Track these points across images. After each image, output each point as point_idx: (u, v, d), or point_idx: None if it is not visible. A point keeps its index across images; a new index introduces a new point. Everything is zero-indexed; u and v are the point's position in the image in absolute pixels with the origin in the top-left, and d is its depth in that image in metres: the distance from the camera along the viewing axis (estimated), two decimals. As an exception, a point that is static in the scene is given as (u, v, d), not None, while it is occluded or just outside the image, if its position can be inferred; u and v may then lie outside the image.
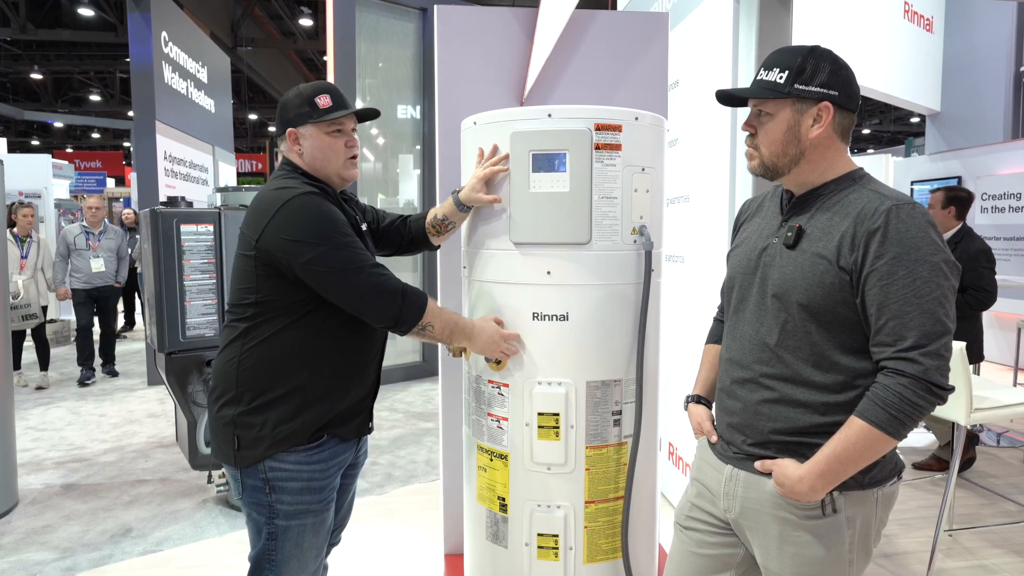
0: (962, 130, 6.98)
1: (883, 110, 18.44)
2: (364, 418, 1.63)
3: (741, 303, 1.34)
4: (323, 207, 1.45)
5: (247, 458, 1.49)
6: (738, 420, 1.31)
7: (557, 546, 1.70)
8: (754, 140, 1.29)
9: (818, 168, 1.25)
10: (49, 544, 2.88)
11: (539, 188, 1.63)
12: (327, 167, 1.55)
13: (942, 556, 2.73)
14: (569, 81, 2.40)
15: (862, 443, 1.12)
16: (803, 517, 1.22)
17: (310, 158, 1.54)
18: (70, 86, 18.24)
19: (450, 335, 1.56)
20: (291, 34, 14.12)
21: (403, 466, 3.86)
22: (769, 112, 1.25)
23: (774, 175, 1.28)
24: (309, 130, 1.53)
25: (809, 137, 1.22)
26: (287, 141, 1.56)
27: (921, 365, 1.09)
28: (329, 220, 1.44)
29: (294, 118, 1.54)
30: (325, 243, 1.41)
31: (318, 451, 1.52)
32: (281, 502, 1.50)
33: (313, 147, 1.54)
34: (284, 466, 1.49)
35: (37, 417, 4.84)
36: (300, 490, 1.51)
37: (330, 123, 1.53)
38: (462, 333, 1.58)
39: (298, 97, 1.54)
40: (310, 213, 1.43)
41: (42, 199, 8.36)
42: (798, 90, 1.21)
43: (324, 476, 1.54)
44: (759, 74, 1.27)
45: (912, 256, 1.11)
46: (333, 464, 1.56)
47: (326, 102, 1.52)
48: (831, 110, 1.22)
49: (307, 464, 1.50)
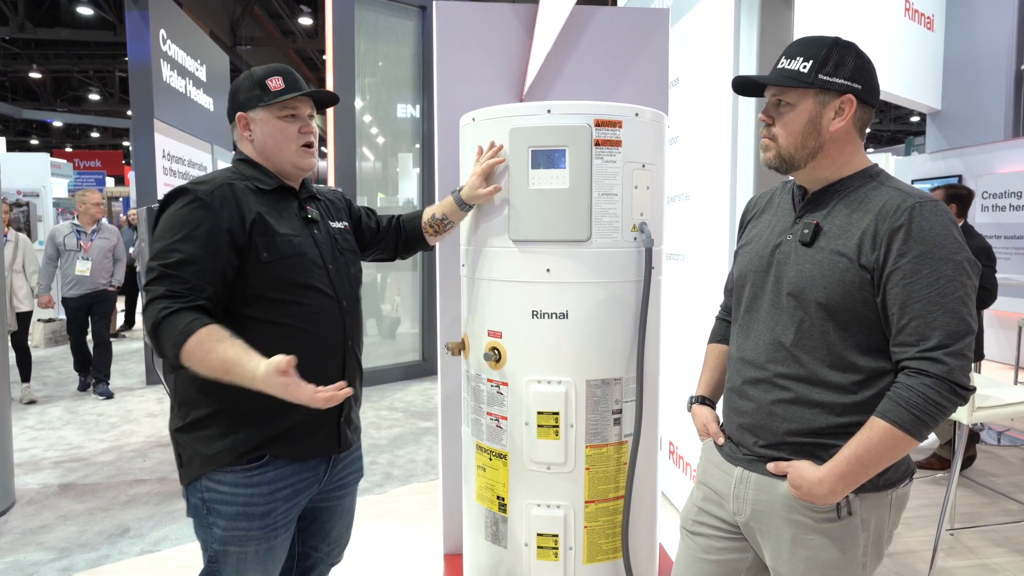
0: (963, 128, 6.97)
1: (883, 109, 18.41)
2: (327, 436, 1.46)
3: (754, 302, 1.31)
4: (190, 213, 1.31)
5: (186, 475, 1.40)
6: (750, 421, 1.28)
7: (557, 546, 1.69)
8: (771, 130, 1.25)
9: (835, 163, 1.22)
10: (46, 544, 2.87)
11: (538, 185, 1.62)
12: (279, 155, 1.44)
13: (944, 555, 2.71)
14: (569, 78, 2.39)
15: (884, 444, 1.10)
16: (818, 520, 1.20)
17: (261, 145, 1.45)
18: (69, 85, 18.22)
19: (225, 377, 1.24)
20: (290, 33, 14.10)
21: (402, 465, 3.84)
22: (790, 102, 1.21)
23: (789, 168, 1.24)
24: (260, 114, 1.43)
25: (830, 130, 1.20)
26: (237, 127, 1.47)
27: (946, 365, 1.07)
28: (183, 226, 1.31)
29: (244, 102, 1.44)
30: (160, 241, 1.31)
31: (259, 472, 1.37)
32: (217, 525, 1.38)
33: (264, 132, 1.44)
34: (220, 487, 1.37)
35: (35, 416, 4.83)
36: (235, 515, 1.37)
37: (282, 106, 1.43)
38: (244, 381, 1.23)
39: (249, 80, 1.45)
40: (172, 219, 1.32)
41: (40, 198, 8.36)
42: (822, 80, 1.18)
43: (267, 502, 1.38)
44: (780, 62, 1.23)
45: (936, 255, 1.09)
46: (281, 488, 1.40)
47: (278, 84, 1.43)
48: (854, 103, 1.19)
49: (244, 487, 1.36)
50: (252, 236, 1.35)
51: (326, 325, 1.44)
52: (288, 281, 1.38)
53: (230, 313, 1.34)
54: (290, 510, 1.43)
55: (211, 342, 1.24)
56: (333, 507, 1.59)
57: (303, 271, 1.41)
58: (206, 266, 1.30)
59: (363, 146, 5.93)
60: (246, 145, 1.47)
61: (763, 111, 1.27)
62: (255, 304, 1.36)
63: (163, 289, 1.27)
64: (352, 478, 1.61)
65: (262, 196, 1.42)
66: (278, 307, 1.38)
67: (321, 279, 1.44)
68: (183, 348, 1.23)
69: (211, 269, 1.31)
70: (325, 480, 1.51)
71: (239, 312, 1.36)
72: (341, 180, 5.44)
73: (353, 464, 1.61)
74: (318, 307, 1.43)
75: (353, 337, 1.51)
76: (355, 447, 1.60)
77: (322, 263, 1.46)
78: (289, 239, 1.40)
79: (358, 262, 1.64)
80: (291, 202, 1.48)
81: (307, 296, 1.41)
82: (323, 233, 1.51)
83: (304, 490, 1.46)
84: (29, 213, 8.22)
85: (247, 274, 1.35)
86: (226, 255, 1.32)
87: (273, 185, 1.45)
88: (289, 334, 1.38)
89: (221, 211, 1.33)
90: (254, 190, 1.41)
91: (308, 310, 1.41)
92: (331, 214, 1.60)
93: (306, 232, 1.46)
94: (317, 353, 1.41)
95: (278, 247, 1.38)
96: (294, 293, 1.39)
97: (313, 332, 1.41)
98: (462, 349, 1.84)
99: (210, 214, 1.32)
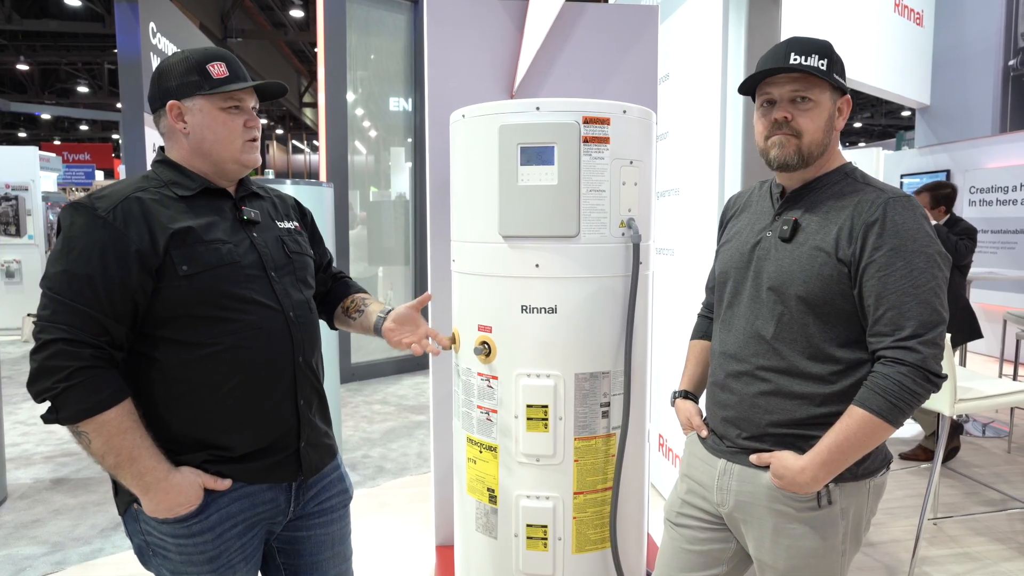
0: (951, 124, 7.03)
1: (874, 104, 18.50)
2: (284, 461, 1.29)
3: (735, 297, 1.35)
4: (89, 233, 1.13)
5: (121, 503, 1.24)
6: (733, 414, 1.32)
7: (546, 536, 1.72)
8: (792, 126, 1.22)
9: (821, 161, 1.27)
10: (39, 538, 2.88)
11: (527, 181, 1.64)
12: (221, 150, 1.26)
13: (926, 544, 2.77)
14: (559, 74, 2.40)
15: (863, 432, 1.14)
16: (799, 509, 1.23)
17: (198, 139, 1.25)
18: (57, 77, 18.04)
19: (114, 466, 1.13)
20: (282, 25, 14.01)
21: (395, 459, 3.87)
22: (813, 98, 1.21)
23: (801, 165, 1.24)
24: (199, 103, 1.23)
25: (835, 128, 1.25)
26: (167, 116, 1.25)
27: (920, 354, 1.11)
28: (82, 249, 1.12)
29: (177, 88, 1.23)
30: (55, 265, 1.13)
31: (198, 522, 1.20)
32: (165, 567, 1.24)
33: (202, 125, 1.24)
34: (159, 534, 1.20)
35: (26, 411, 4.82)
36: (183, 562, 1.21)
37: (226, 97, 1.24)
38: (135, 479, 1.14)
39: (184, 63, 1.24)
40: (69, 240, 1.13)
41: (29, 192, 8.30)
42: (836, 80, 1.21)
43: (215, 546, 1.21)
44: (791, 59, 1.20)
45: (909, 248, 1.13)
46: (231, 527, 1.23)
47: (221, 71, 1.24)
48: (850, 104, 1.26)
49: (185, 538, 1.20)
50: (168, 251, 1.16)
51: (268, 342, 1.25)
52: (216, 294, 1.19)
53: (142, 335, 1.18)
54: (247, 544, 1.27)
55: (130, 420, 1.12)
56: (317, 537, 1.40)
57: (235, 282, 1.22)
58: (113, 298, 1.12)
59: (355, 140, 5.93)
60: (177, 139, 1.27)
61: (780, 107, 1.23)
62: (173, 324, 1.18)
63: (63, 331, 1.09)
64: (336, 502, 1.43)
65: (183, 203, 1.23)
66: (205, 326, 1.19)
67: (260, 289, 1.25)
68: (97, 416, 1.09)
69: (119, 301, 1.13)
70: (293, 509, 1.34)
71: (152, 334, 1.18)
72: (333, 174, 5.44)
73: (333, 487, 1.42)
74: (257, 322, 1.23)
75: (305, 351, 1.32)
76: (330, 469, 1.42)
77: (262, 271, 1.27)
78: (216, 247, 1.21)
79: (310, 266, 1.44)
80: (222, 203, 1.29)
81: (243, 310, 1.22)
82: (266, 235, 1.32)
83: (261, 522, 1.29)
84: (18, 207, 8.16)
85: (163, 292, 1.16)
86: (138, 280, 1.14)
87: (195, 189, 1.25)
88: (220, 357, 1.20)
89: (127, 231, 1.14)
90: (173, 197, 1.22)
91: (244, 326, 1.22)
92: (279, 213, 1.42)
93: (241, 236, 1.27)
94: (259, 375, 1.24)
95: (200, 258, 1.19)
96: (225, 308, 1.20)
97: (251, 351, 1.22)
98: (453, 343, 1.86)
99: (113, 234, 1.13)
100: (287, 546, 1.39)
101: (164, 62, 1.27)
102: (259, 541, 1.31)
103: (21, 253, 8.23)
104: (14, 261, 8.20)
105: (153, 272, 1.15)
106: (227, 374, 1.21)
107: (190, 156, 1.27)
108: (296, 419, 1.30)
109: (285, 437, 1.29)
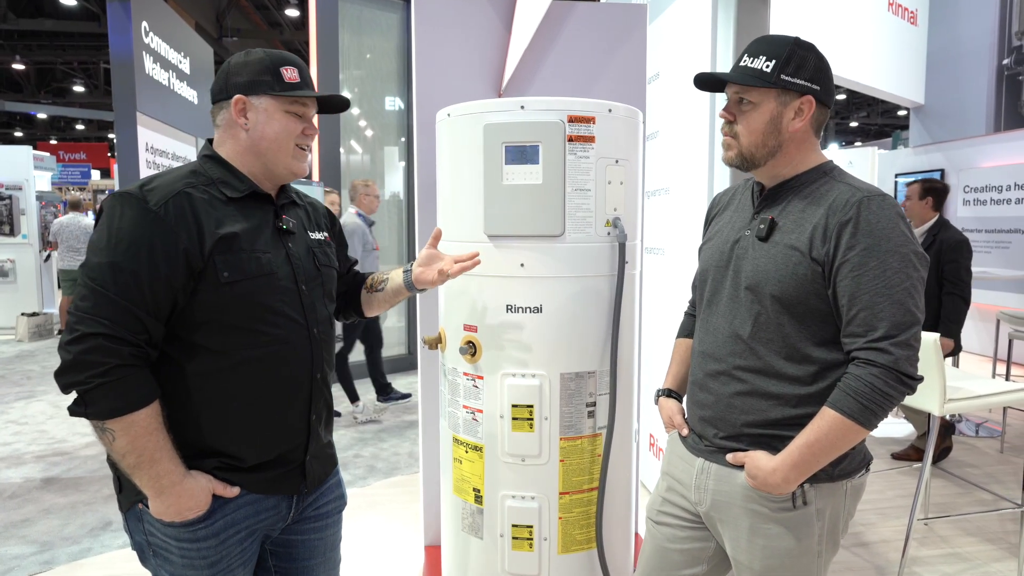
0: (945, 123, 7.04)
1: (870, 103, 18.53)
2: (290, 473, 1.29)
3: (714, 296, 1.34)
4: (139, 227, 1.10)
5: (124, 501, 1.23)
6: (710, 413, 1.31)
7: (532, 537, 1.71)
8: (733, 128, 1.26)
9: (792, 161, 1.25)
10: (28, 538, 2.87)
11: (512, 180, 1.63)
12: (276, 154, 1.25)
13: (916, 544, 2.77)
14: (547, 73, 2.40)
15: (835, 433, 1.13)
16: (774, 510, 1.23)
17: (257, 137, 1.24)
18: (53, 76, 17.99)
19: (134, 465, 1.11)
20: (277, 24, 13.98)
21: (386, 458, 3.86)
22: (752, 101, 1.23)
23: (750, 166, 1.27)
24: (265, 102, 1.23)
25: (789, 130, 1.22)
26: (230, 110, 1.23)
27: (892, 355, 1.10)
28: (130, 243, 1.10)
29: (248, 84, 1.22)
30: (98, 255, 1.10)
31: (204, 527, 1.20)
32: (164, 568, 1.24)
33: (264, 124, 1.23)
34: (163, 536, 1.20)
35: (18, 411, 4.80)
36: (183, 564, 1.22)
37: (292, 101, 1.25)
38: (151, 480, 1.13)
39: (259, 63, 1.23)
40: (114, 231, 1.11)
41: (23, 191, 8.28)
42: (784, 81, 1.20)
43: (217, 551, 1.22)
44: (742, 60, 1.24)
45: (883, 247, 1.12)
46: (234, 533, 1.24)
47: (293, 76, 1.25)
48: (813, 104, 1.22)
49: (189, 542, 1.20)
50: (212, 255, 1.15)
51: (292, 358, 1.25)
52: (251, 304, 1.19)
53: (171, 337, 1.16)
54: (247, 549, 1.27)
55: (156, 421, 1.12)
56: (311, 541, 1.40)
57: (270, 293, 1.21)
58: (157, 296, 1.11)
59: (349, 139, 5.92)
60: (235, 133, 1.25)
61: (724, 108, 1.28)
62: (206, 330, 1.16)
63: (104, 326, 1.07)
64: (333, 507, 1.44)
65: (231, 206, 1.21)
66: (234, 335, 1.18)
67: (291, 302, 1.25)
68: (127, 415, 1.09)
69: (162, 299, 1.12)
70: (293, 515, 1.34)
71: (185, 338, 1.17)
72: (326, 173, 5.43)
73: (331, 492, 1.44)
74: (284, 337, 1.23)
75: (323, 368, 1.33)
76: (330, 478, 1.44)
77: (294, 284, 1.26)
78: (256, 256, 1.20)
79: (335, 279, 1.44)
80: (266, 210, 1.28)
81: (273, 323, 1.21)
82: (299, 247, 1.31)
83: (261, 528, 1.30)
84: (12, 206, 8.14)
85: (200, 295, 1.15)
86: (182, 279, 1.13)
87: (244, 191, 1.24)
88: (245, 369, 1.19)
89: (177, 227, 1.12)
90: (222, 199, 1.21)
91: (272, 340, 1.21)
92: (311, 223, 1.41)
93: (278, 246, 1.26)
94: (279, 390, 1.24)
95: (242, 265, 1.18)
96: (256, 319, 1.19)
97: (275, 366, 1.22)
98: (439, 343, 1.85)
99: (164, 230, 1.11)
100: (281, 549, 1.39)
101: (236, 57, 1.27)
102: (257, 546, 1.32)
103: (15, 252, 8.21)
104: (8, 260, 8.18)
105: (196, 274, 1.14)
106: (249, 387, 1.20)
107: (242, 153, 1.26)
108: (307, 434, 1.31)
109: (294, 451, 1.29)
